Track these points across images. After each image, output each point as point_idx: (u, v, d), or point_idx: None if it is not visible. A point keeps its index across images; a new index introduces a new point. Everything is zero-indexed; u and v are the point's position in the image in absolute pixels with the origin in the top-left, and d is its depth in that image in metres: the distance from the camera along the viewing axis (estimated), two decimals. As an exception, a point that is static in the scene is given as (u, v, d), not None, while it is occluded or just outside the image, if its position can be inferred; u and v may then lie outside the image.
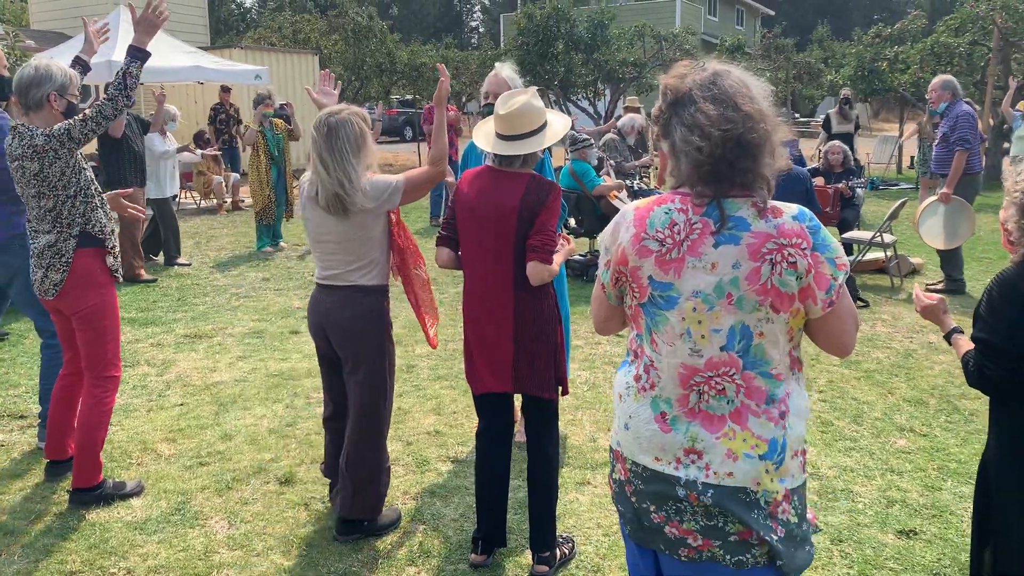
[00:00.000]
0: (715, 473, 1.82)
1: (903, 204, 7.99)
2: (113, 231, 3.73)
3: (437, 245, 3.18)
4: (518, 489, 3.79)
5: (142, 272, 8.27)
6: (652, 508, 1.90)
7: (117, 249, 3.76)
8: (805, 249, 1.76)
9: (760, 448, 1.81)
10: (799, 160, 11.36)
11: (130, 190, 4.44)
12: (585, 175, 7.96)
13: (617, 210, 7.90)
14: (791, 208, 1.80)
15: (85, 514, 3.61)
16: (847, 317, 1.85)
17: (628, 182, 8.78)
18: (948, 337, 2.58)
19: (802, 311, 1.81)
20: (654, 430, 1.88)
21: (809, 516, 2.08)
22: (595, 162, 8.19)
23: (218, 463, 4.13)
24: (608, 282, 1.96)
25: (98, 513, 3.63)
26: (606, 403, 4.89)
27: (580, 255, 8.38)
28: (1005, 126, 12.45)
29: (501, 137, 2.98)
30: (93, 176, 3.67)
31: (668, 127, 1.88)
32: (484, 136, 3.06)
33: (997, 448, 2.44)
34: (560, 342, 3.12)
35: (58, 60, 3.75)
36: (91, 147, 10.87)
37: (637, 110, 12.15)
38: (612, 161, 8.73)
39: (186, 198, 13.91)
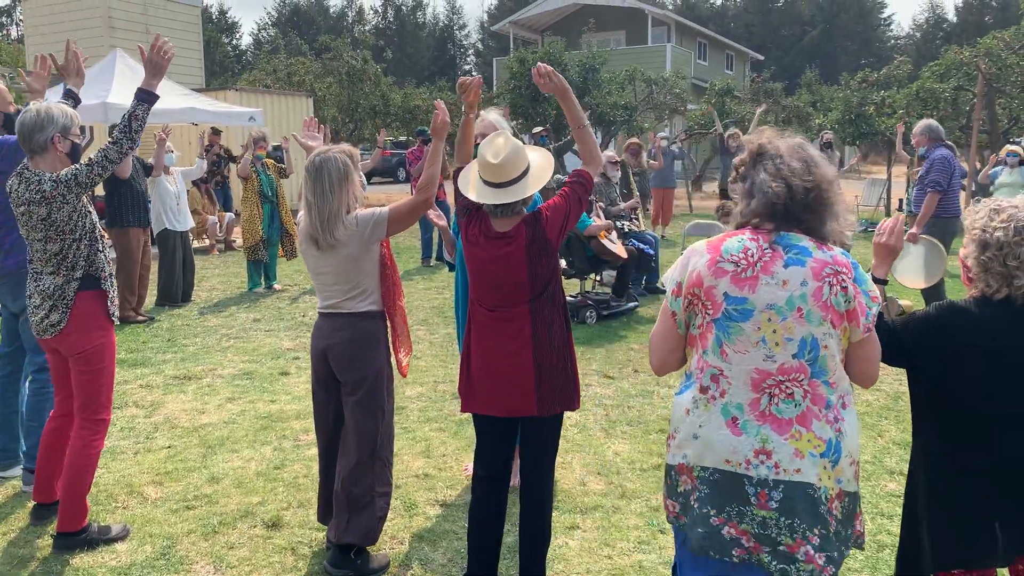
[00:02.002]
0: (784, 470, 2.08)
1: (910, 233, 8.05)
2: (111, 274, 3.74)
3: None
4: (507, 533, 3.76)
5: (133, 313, 8.25)
6: (714, 511, 2.13)
7: (115, 292, 3.77)
8: (850, 278, 2.12)
9: (820, 447, 2.09)
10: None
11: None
12: (576, 217, 8.01)
13: (608, 251, 7.97)
14: (839, 248, 2.19)
15: (69, 559, 3.57)
16: (878, 346, 2.22)
17: (617, 223, 8.84)
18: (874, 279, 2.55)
19: (848, 331, 2.14)
20: (726, 434, 2.13)
21: (857, 526, 2.21)
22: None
23: (205, 506, 4.09)
24: (680, 308, 2.26)
25: (82, 558, 3.58)
26: (596, 446, 4.87)
27: (571, 295, 8.41)
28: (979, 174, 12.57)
29: (493, 185, 2.98)
30: (96, 218, 3.69)
31: (749, 173, 2.25)
32: (473, 188, 3.06)
33: (924, 457, 2.47)
34: (573, 356, 3.15)
35: (55, 100, 3.78)
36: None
37: (639, 148, 12.26)
38: (601, 204, 8.79)
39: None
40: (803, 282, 2.10)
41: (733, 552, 2.10)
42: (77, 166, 3.54)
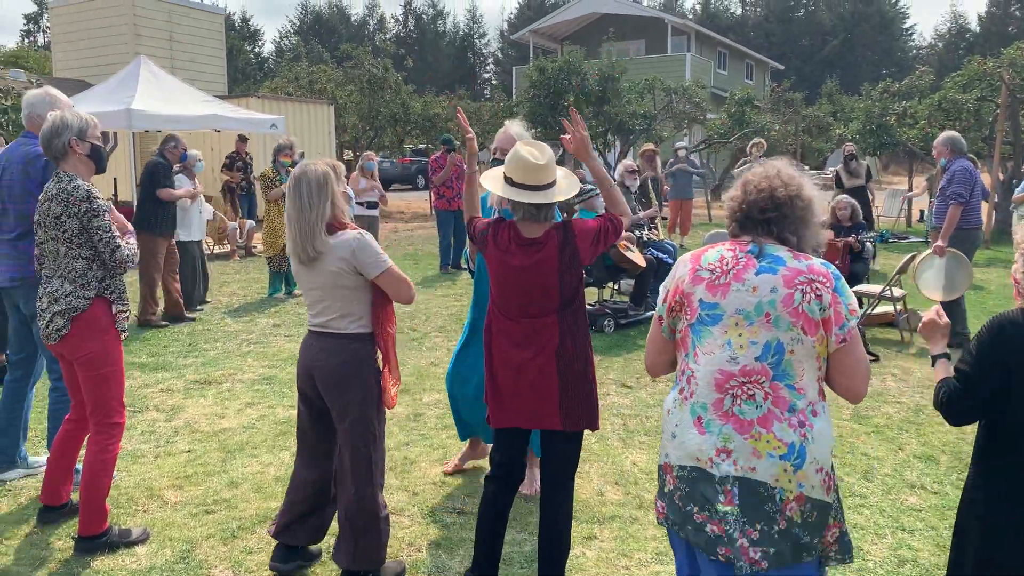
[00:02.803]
0: (741, 467, 2.15)
1: (912, 258, 7.99)
2: (123, 292, 3.79)
3: (474, 242, 3.30)
4: (524, 543, 3.77)
5: (153, 318, 8.34)
6: (695, 509, 2.21)
7: (125, 304, 3.80)
8: (828, 288, 2.18)
9: (780, 449, 2.14)
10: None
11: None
12: (595, 226, 8.01)
13: (627, 259, 7.96)
14: (819, 259, 2.26)
15: (90, 561, 3.60)
16: (859, 361, 2.22)
17: (636, 232, 8.83)
18: (934, 361, 2.60)
19: (825, 340, 2.18)
20: (694, 433, 2.22)
21: (828, 537, 2.23)
22: (602, 211, 8.24)
23: (224, 511, 4.12)
24: (664, 314, 2.39)
25: (103, 561, 3.61)
26: (614, 455, 4.87)
27: (589, 304, 8.40)
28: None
29: (528, 187, 3.01)
30: (124, 252, 3.71)
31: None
32: (502, 189, 3.08)
33: (986, 489, 2.44)
34: (593, 376, 3.18)
35: (76, 109, 3.85)
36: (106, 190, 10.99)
37: (655, 155, 12.25)
38: (621, 212, 8.78)
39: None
40: (773, 289, 2.19)
41: (718, 551, 2.15)
42: (107, 217, 3.62)
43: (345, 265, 3.21)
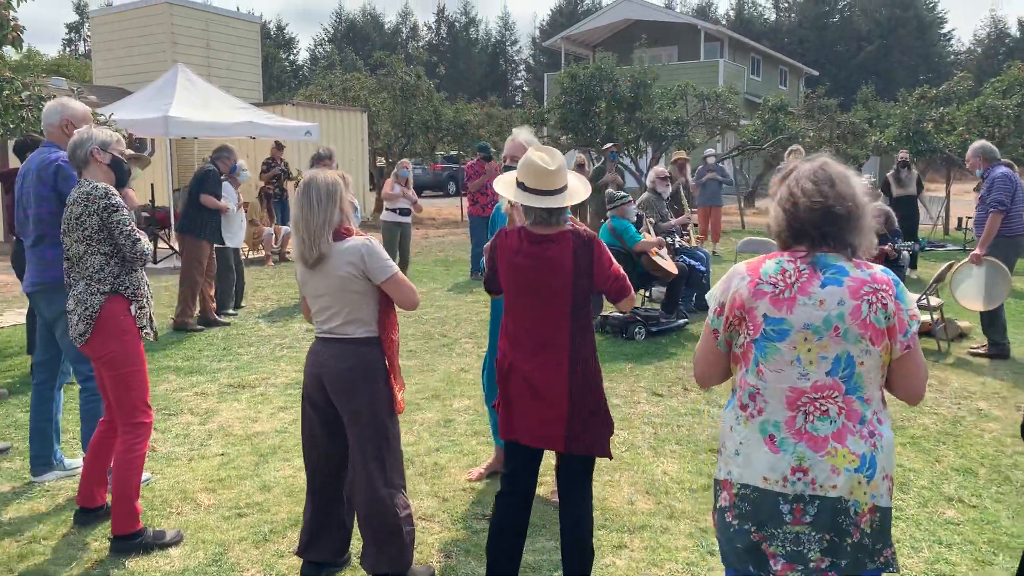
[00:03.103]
0: (820, 486, 2.14)
1: (949, 267, 7.87)
2: (146, 290, 3.89)
3: (488, 292, 3.34)
4: (553, 551, 3.75)
5: (190, 321, 8.46)
6: (753, 528, 2.19)
7: (149, 304, 3.89)
8: (891, 295, 2.16)
9: (854, 463, 2.13)
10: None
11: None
12: (625, 232, 7.99)
13: (658, 266, 7.92)
14: (878, 265, 2.23)
15: (125, 562, 3.65)
16: (920, 363, 2.23)
17: (668, 239, 8.79)
18: None
19: (889, 348, 2.17)
20: (764, 451, 2.19)
21: (890, 545, 2.22)
22: (634, 219, 8.22)
23: (256, 514, 4.16)
24: (721, 327, 2.33)
25: (138, 562, 3.66)
26: (644, 464, 4.83)
27: (619, 311, 8.36)
28: None
29: (540, 192, 3.05)
30: (144, 245, 3.81)
31: (775, 192, 2.35)
32: (514, 194, 3.13)
33: None
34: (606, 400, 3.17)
35: (104, 128, 4.05)
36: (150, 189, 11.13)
37: (686, 162, 12.20)
38: (651, 219, 8.75)
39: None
40: (840, 301, 2.15)
41: (772, 567, 2.16)
42: (126, 212, 3.75)
43: (354, 270, 3.25)
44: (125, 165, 3.95)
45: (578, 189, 3.15)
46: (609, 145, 12.88)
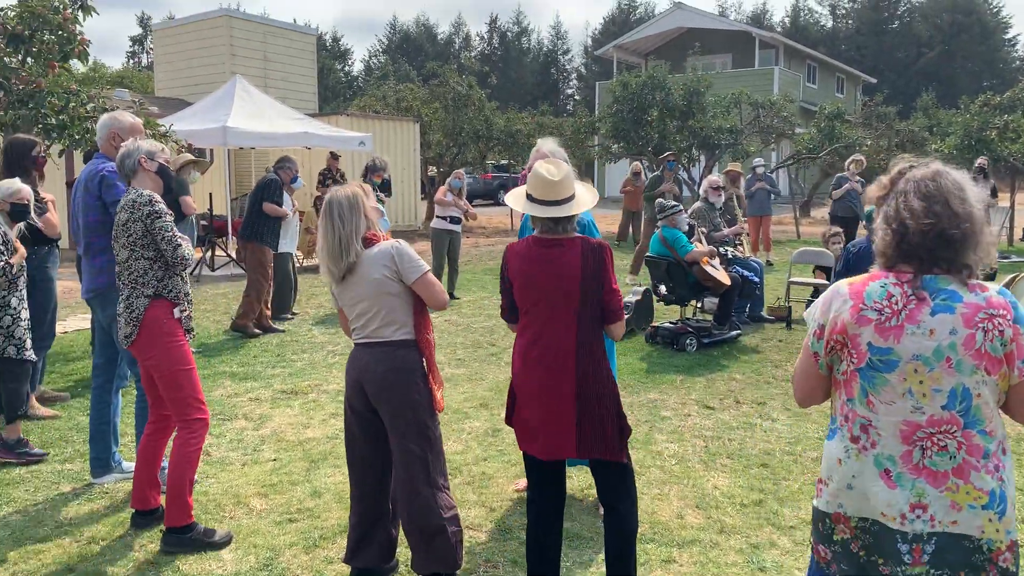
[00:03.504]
0: (940, 522, 2.02)
1: (1014, 278, 7.62)
2: (187, 293, 4.02)
3: (507, 321, 3.39)
4: (601, 563, 3.72)
5: (250, 324, 8.63)
6: (880, 561, 2.08)
7: (189, 306, 4.02)
8: (1009, 319, 2.01)
9: (981, 499, 2.01)
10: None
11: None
12: (676, 242, 7.92)
13: (710, 277, 7.83)
14: (993, 285, 2.08)
15: (179, 564, 3.73)
16: None
17: (720, 249, 8.69)
18: None
19: (1007, 375, 2.03)
20: (881, 486, 2.08)
21: None
22: (685, 228, 8.14)
23: (307, 520, 4.21)
24: (821, 351, 2.20)
25: (191, 564, 3.73)
26: (695, 478, 4.77)
27: (670, 322, 8.30)
28: None
29: (543, 202, 3.14)
30: (187, 251, 3.94)
31: (879, 211, 2.20)
32: (522, 204, 3.23)
33: None
34: (620, 403, 3.22)
35: (150, 140, 4.21)
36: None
37: (739, 175, 12.05)
38: (703, 229, 8.66)
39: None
40: (952, 331, 2.01)
41: None
42: (169, 218, 3.88)
43: (388, 272, 3.34)
44: (171, 172, 4.11)
45: (584, 198, 3.22)
46: (667, 154, 12.77)
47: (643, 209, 13.57)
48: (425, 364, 3.47)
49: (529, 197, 3.18)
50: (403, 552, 3.78)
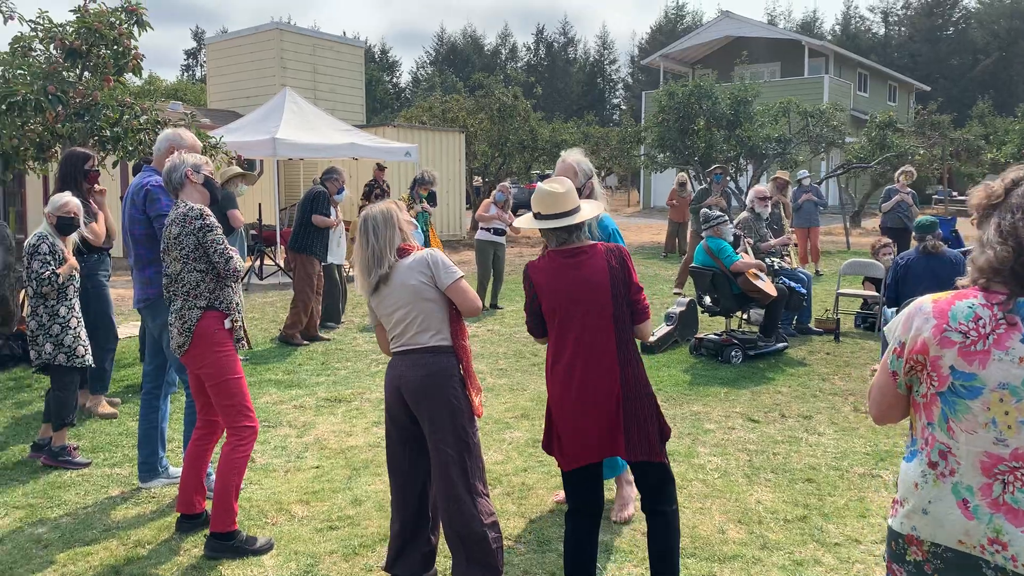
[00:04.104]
0: (1022, 564, 1.89)
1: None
2: (238, 304, 4.10)
3: (535, 336, 3.41)
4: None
5: (297, 335, 8.74)
6: None
7: (241, 317, 4.11)
8: None
9: None
10: (955, 240, 10.78)
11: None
12: (721, 252, 7.83)
13: (756, 288, 7.73)
14: None
15: (221, 569, 3.78)
16: None
17: (768, 260, 8.57)
18: None
19: None
20: (957, 515, 1.96)
21: None
22: (730, 238, 8.05)
23: (347, 527, 4.24)
24: (900, 370, 2.08)
25: (233, 569, 3.79)
26: (737, 492, 4.70)
27: (715, 334, 8.20)
28: None
29: (543, 216, 3.26)
30: (237, 263, 4.03)
31: (984, 221, 2.02)
32: (529, 221, 3.36)
33: None
34: (658, 405, 3.28)
35: (195, 155, 4.30)
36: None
37: (786, 183, 11.88)
38: (749, 240, 8.55)
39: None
40: None
41: None
42: (219, 231, 3.98)
43: (424, 278, 3.42)
44: (216, 184, 4.21)
45: (586, 210, 3.31)
46: (714, 167, 12.65)
47: (689, 221, 13.46)
48: (462, 370, 3.50)
49: (536, 215, 3.29)
50: (441, 562, 3.79)
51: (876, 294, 9.41)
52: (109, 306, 6.28)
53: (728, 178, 14.90)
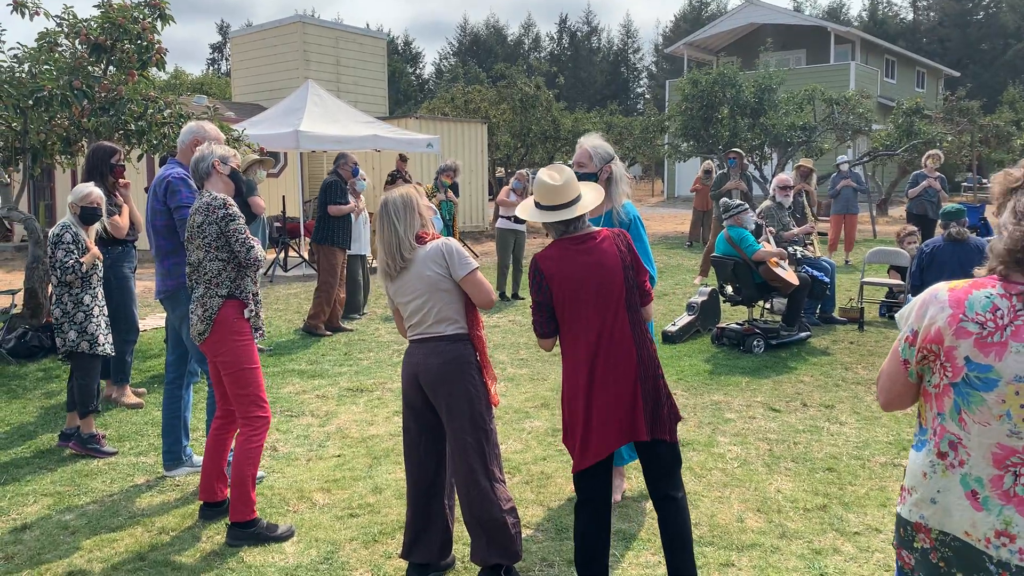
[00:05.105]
0: None
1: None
2: (255, 293, 4.13)
3: (541, 336, 3.34)
4: (658, 565, 3.69)
5: (321, 326, 8.80)
6: (960, 574, 1.97)
7: (259, 307, 4.15)
8: None
9: None
10: (983, 228, 10.63)
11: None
12: (743, 241, 7.78)
13: (778, 277, 7.68)
14: None
15: (243, 556, 3.84)
16: None
17: (790, 249, 8.50)
18: None
19: None
20: (965, 506, 1.95)
21: None
22: (752, 227, 7.99)
23: (367, 515, 4.28)
24: (912, 359, 2.05)
25: (255, 556, 3.84)
26: (757, 481, 4.69)
27: (736, 323, 8.16)
28: None
29: (545, 207, 3.26)
30: (259, 252, 4.07)
31: (1003, 207, 1.99)
32: (527, 211, 3.35)
33: None
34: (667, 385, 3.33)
35: (223, 145, 4.36)
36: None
37: (810, 171, 11.75)
38: (771, 229, 8.48)
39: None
40: None
41: None
42: (242, 221, 4.01)
43: (440, 268, 3.44)
44: (241, 176, 4.26)
45: (588, 200, 3.29)
46: (729, 151, 12.54)
47: (712, 208, 13.36)
48: (479, 358, 3.53)
49: (537, 205, 3.30)
50: (459, 549, 3.82)
51: (901, 282, 9.30)
52: (131, 298, 6.37)
53: (747, 162, 14.73)
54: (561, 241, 3.26)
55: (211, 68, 63.52)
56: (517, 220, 10.95)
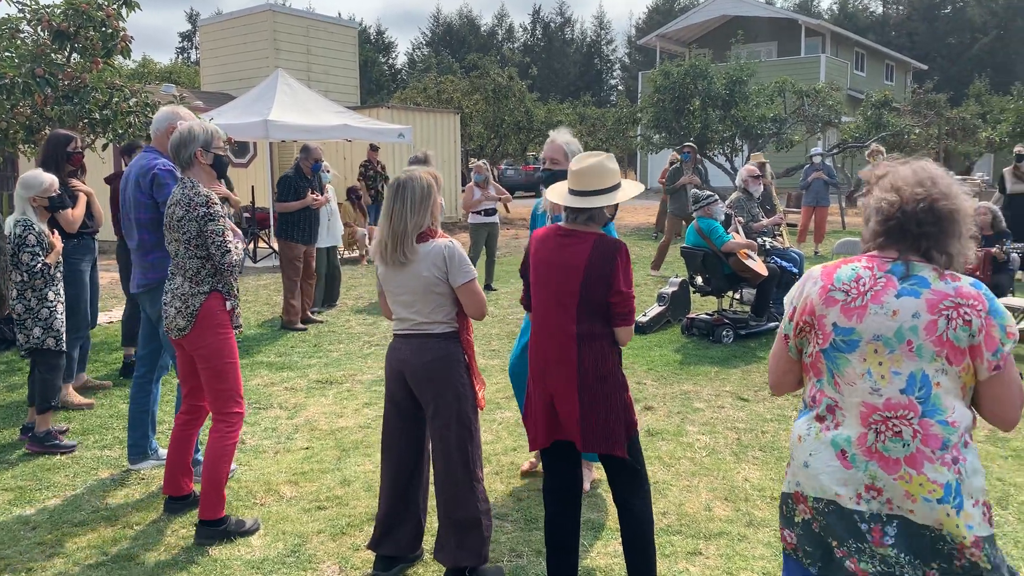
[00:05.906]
0: (898, 507, 2.01)
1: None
2: (236, 289, 4.06)
3: (524, 307, 3.37)
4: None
5: (295, 319, 8.68)
6: (835, 543, 2.08)
7: (238, 302, 4.07)
8: (980, 311, 1.98)
9: (936, 493, 1.97)
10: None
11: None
12: (712, 232, 7.82)
13: (747, 268, 7.73)
14: (968, 278, 2.05)
15: (208, 550, 3.80)
16: (1013, 386, 2.02)
17: (760, 240, 8.56)
18: None
19: (971, 368, 2.00)
20: (836, 466, 2.08)
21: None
22: (721, 218, 8.03)
23: (335, 508, 4.26)
24: (791, 333, 2.23)
25: (220, 550, 3.80)
26: (725, 470, 4.72)
27: (706, 314, 8.21)
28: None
29: (572, 192, 3.14)
30: (237, 250, 3.96)
31: (868, 199, 2.21)
32: (558, 193, 3.23)
33: None
34: (629, 400, 3.15)
35: (204, 122, 4.15)
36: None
37: (762, 164, 11.81)
38: (740, 219, 8.54)
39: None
40: (915, 314, 2.01)
41: None
42: (223, 221, 3.87)
43: (438, 272, 3.32)
44: (225, 160, 4.09)
45: (619, 195, 3.15)
46: (683, 145, 12.57)
47: (667, 203, 13.39)
48: (467, 359, 3.47)
49: (571, 191, 3.15)
50: (427, 540, 3.81)
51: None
52: (85, 291, 6.16)
53: (697, 156, 14.77)
54: (555, 228, 3.20)
55: (180, 57, 62.67)
56: (487, 213, 10.89)
